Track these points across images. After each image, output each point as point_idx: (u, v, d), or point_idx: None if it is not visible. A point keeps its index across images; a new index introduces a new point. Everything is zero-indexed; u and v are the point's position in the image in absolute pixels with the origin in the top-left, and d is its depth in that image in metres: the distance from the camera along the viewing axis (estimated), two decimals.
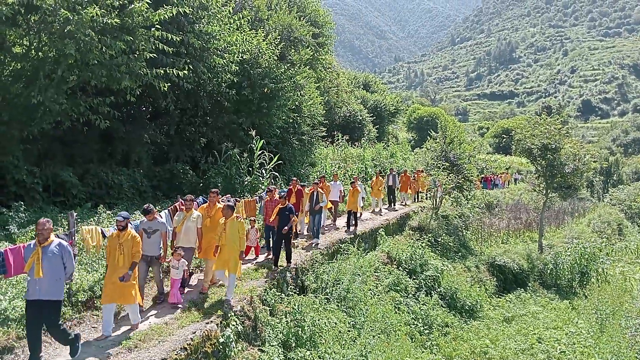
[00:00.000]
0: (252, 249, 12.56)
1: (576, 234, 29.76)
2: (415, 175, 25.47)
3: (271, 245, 12.30)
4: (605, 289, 19.95)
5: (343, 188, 18.20)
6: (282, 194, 11.98)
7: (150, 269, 9.13)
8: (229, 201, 11.81)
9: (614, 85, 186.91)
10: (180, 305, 8.88)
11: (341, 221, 17.84)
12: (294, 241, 13.20)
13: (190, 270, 10.07)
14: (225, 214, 9.29)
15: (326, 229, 16.52)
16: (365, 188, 20.82)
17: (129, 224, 7.95)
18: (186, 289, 9.70)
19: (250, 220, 12.65)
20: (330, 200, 16.42)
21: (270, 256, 12.12)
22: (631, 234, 37.88)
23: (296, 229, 13.87)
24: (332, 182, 17.38)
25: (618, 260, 26.17)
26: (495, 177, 41.36)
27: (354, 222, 16.65)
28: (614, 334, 14.89)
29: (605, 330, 15.58)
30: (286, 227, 11.30)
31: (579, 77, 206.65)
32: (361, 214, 18.49)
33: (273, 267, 11.50)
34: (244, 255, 9.68)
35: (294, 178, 15.20)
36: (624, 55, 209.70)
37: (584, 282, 21.92)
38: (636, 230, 41.21)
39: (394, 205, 23.06)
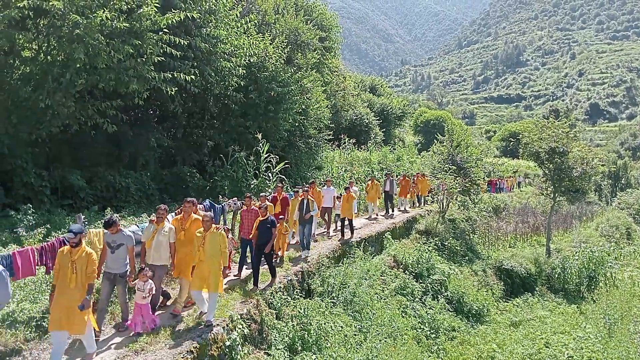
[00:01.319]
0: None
1: (584, 238, 29.55)
2: (416, 179, 24.53)
3: (249, 262, 10.94)
4: (613, 293, 19.80)
5: (338, 194, 16.93)
6: (264, 205, 10.58)
7: (117, 287, 7.91)
8: (235, 204, 11.75)
9: (622, 88, 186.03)
10: (144, 332, 7.72)
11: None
12: (279, 255, 12.20)
13: (164, 290, 8.99)
14: (206, 225, 8.32)
15: (317, 237, 15.46)
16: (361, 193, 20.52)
17: (82, 240, 6.92)
18: (158, 312, 8.56)
19: (225, 230, 10.66)
20: (323, 207, 15.64)
21: (240, 274, 10.83)
22: (639, 238, 37.57)
23: (279, 244, 12.12)
24: (324, 188, 16.34)
25: (626, 265, 25.97)
26: (500, 180, 41.11)
27: (349, 230, 15.67)
28: (623, 338, 14.77)
29: (614, 335, 15.46)
30: (268, 245, 10.14)
31: (586, 81, 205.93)
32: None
33: (252, 286, 10.15)
34: (227, 271, 8.90)
35: (279, 185, 14.22)
36: (632, 58, 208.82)
37: (592, 287, 21.76)
38: None
39: (392, 211, 21.30)
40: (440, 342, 13.29)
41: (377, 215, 20.26)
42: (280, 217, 12.17)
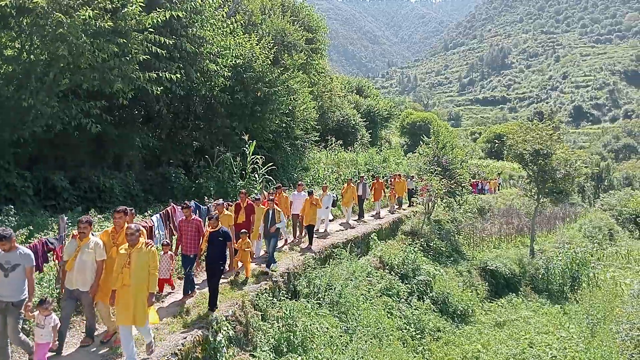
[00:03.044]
0: (166, 282, 9.71)
1: (567, 239, 29.85)
2: (392, 180, 23.76)
3: (190, 280, 9.57)
4: (596, 293, 20.05)
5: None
6: (215, 214, 9.16)
7: (8, 319, 6.28)
8: (220, 205, 11.43)
9: (605, 91, 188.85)
10: None
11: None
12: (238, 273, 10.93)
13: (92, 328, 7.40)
14: (131, 240, 6.68)
15: (286, 246, 14.27)
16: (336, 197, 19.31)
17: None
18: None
19: (164, 244, 9.80)
20: (293, 214, 14.86)
21: (193, 297, 9.44)
22: (622, 239, 38.04)
23: (236, 262, 10.82)
24: (294, 193, 15.44)
25: (609, 265, 26.29)
26: (482, 182, 41.31)
27: (318, 236, 14.78)
28: (605, 338, 14.96)
29: (597, 335, 15.65)
30: (234, 262, 9.09)
31: (570, 83, 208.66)
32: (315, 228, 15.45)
33: (208, 310, 8.71)
34: (153, 299, 6.96)
35: (242, 190, 12.73)
36: (615, 61, 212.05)
37: (575, 287, 22.01)
38: (627, 235, 41.43)
39: (363, 216, 20.17)
40: (425, 343, 13.34)
41: (351, 220, 19.02)
42: (242, 231, 11.13)
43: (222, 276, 9.41)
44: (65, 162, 14.28)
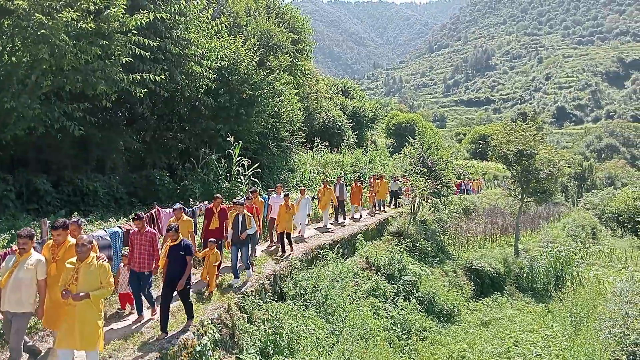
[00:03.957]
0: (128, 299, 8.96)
1: (551, 238, 30.17)
2: (372, 182, 23.17)
3: (146, 299, 8.68)
4: (579, 292, 20.26)
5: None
6: (174, 226, 8.08)
7: None
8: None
9: (588, 92, 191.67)
10: None
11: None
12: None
13: (30, 345, 6.66)
14: (81, 253, 5.93)
15: (261, 254, 13.47)
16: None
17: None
18: None
19: (123, 255, 9.09)
20: (271, 218, 14.31)
21: (145, 318, 8.56)
22: (605, 237, 38.58)
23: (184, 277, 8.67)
24: (274, 196, 14.78)
25: (592, 264, 26.61)
26: (466, 182, 41.62)
27: (289, 245, 13.76)
28: (588, 336, 15.13)
29: (580, 333, 15.82)
30: (182, 279, 7.91)
31: (553, 84, 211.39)
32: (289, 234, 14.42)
33: (160, 332, 7.86)
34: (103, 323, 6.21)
35: (218, 195, 11.64)
36: (597, 62, 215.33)
37: (559, 286, 22.24)
38: (609, 234, 42.04)
39: (344, 219, 19.62)
40: (411, 343, 13.40)
41: (328, 224, 18.30)
42: (210, 240, 10.38)
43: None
44: (48, 165, 14.11)
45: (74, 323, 5.80)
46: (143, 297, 8.56)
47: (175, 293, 8.12)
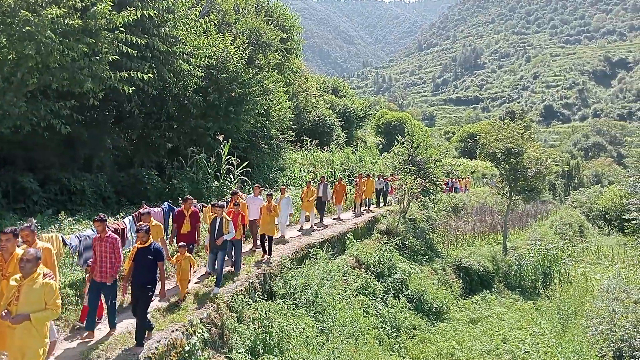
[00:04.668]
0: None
1: (539, 235, 30.43)
2: (358, 181, 22.53)
3: (106, 310, 7.90)
4: (567, 289, 20.48)
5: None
6: (144, 226, 7.59)
7: None
8: (195, 207, 11.18)
9: (575, 90, 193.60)
10: None
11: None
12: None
13: None
14: (25, 268, 5.30)
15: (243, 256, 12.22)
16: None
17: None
18: None
19: (87, 266, 8.18)
20: (249, 220, 13.27)
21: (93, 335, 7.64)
22: (592, 235, 39.02)
23: (162, 286, 8.32)
24: (250, 196, 14.06)
25: (579, 261, 26.91)
26: (453, 180, 41.77)
27: (268, 248, 12.88)
28: (576, 333, 15.30)
29: (568, 329, 15.99)
30: (162, 288, 7.37)
31: (541, 83, 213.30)
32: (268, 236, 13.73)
33: (135, 345, 7.28)
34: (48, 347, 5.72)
35: (189, 197, 10.91)
36: (584, 61, 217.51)
37: (547, 283, 22.45)
38: (597, 231, 42.53)
39: (320, 220, 18.77)
40: (401, 341, 13.44)
41: (312, 226, 17.68)
42: (181, 244, 9.83)
43: (158, 300, 8.42)
44: (35, 163, 13.95)
45: (14, 348, 5.22)
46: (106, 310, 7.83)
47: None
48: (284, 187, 16.63)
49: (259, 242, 13.55)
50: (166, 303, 9.04)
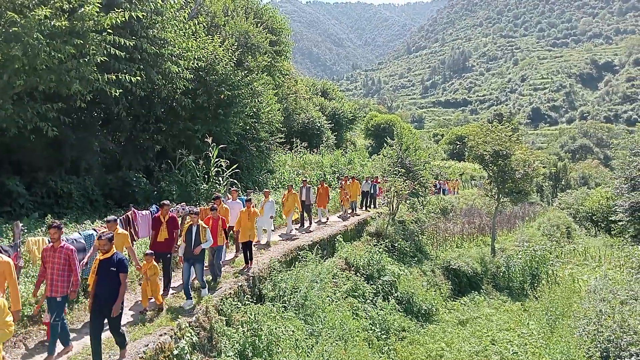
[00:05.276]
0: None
1: (527, 237, 30.64)
2: (343, 183, 22.18)
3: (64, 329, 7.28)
4: (555, 290, 20.64)
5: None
6: (106, 234, 6.92)
7: None
8: (183, 209, 11.17)
9: (562, 93, 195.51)
10: None
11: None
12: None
13: None
14: None
15: (224, 264, 12.11)
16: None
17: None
18: None
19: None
20: (229, 226, 12.57)
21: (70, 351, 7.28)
22: (579, 236, 39.35)
23: (121, 296, 7.02)
24: (229, 201, 13.65)
25: (567, 263, 27.13)
26: (441, 182, 41.97)
27: (249, 257, 12.20)
28: (564, 334, 15.43)
29: (556, 330, 16.12)
30: (116, 304, 6.75)
31: (528, 86, 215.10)
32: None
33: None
34: None
35: (164, 202, 10.34)
36: (571, 64, 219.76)
37: (535, 284, 22.61)
38: (584, 233, 42.88)
39: (309, 224, 18.74)
40: (390, 343, 13.46)
41: (293, 230, 17.54)
42: (148, 252, 9.30)
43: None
44: (21, 166, 13.80)
45: None
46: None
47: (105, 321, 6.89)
48: (268, 190, 16.53)
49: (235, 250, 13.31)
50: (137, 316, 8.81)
